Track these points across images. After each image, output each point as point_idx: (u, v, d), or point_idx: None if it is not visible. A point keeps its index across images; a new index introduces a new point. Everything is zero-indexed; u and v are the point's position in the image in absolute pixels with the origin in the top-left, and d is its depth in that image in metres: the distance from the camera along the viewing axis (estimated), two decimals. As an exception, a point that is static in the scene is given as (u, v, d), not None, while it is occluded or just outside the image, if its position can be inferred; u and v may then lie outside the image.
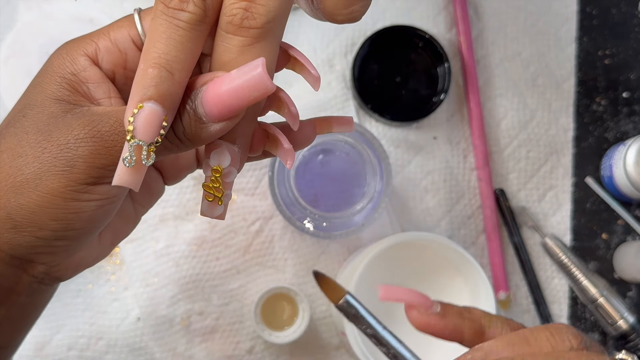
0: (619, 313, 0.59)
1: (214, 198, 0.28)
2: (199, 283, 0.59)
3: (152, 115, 0.26)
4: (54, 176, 0.28)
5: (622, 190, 0.62)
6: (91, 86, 0.30)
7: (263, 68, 0.25)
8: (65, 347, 0.58)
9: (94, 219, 0.29)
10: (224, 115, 0.26)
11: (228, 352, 0.59)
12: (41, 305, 0.34)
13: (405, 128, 0.63)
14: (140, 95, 0.26)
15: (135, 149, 0.26)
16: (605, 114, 0.66)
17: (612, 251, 0.64)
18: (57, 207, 0.28)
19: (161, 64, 0.26)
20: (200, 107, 0.27)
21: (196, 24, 0.26)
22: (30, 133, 0.28)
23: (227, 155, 0.28)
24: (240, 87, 0.26)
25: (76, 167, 0.28)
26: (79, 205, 0.28)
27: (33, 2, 0.62)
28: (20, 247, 0.29)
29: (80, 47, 0.30)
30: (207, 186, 0.28)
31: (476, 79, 0.64)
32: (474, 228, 0.63)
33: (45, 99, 0.29)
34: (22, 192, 0.28)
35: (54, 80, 0.29)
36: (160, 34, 0.26)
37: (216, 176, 0.28)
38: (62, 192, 0.28)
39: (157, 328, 0.59)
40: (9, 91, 0.59)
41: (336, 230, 0.54)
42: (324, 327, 0.60)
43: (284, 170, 0.54)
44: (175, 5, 0.26)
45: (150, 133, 0.26)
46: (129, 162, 0.26)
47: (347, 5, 0.27)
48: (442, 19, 0.65)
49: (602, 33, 0.66)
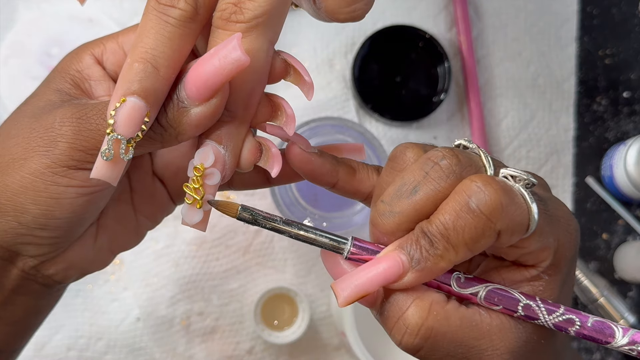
0: (619, 313, 0.59)
1: (193, 200, 0.28)
2: (199, 283, 0.59)
3: (134, 110, 0.26)
4: (37, 156, 0.28)
5: (622, 190, 0.62)
6: (93, 83, 0.30)
7: (238, 41, 0.25)
8: (65, 347, 0.58)
9: (75, 208, 0.29)
10: (203, 94, 0.26)
11: (228, 352, 0.59)
12: (42, 309, 0.34)
13: (405, 128, 0.63)
14: (124, 89, 0.26)
15: (114, 142, 0.26)
16: (605, 113, 0.65)
17: (612, 251, 0.64)
18: (38, 189, 0.28)
19: (147, 59, 0.26)
20: (182, 91, 0.27)
21: (186, 21, 0.26)
22: (26, 117, 0.29)
23: (210, 154, 0.28)
24: (216, 62, 0.26)
25: (58, 147, 0.28)
26: (58, 190, 0.28)
27: (33, 2, 0.62)
28: (5, 233, 0.29)
29: (89, 47, 0.31)
30: (187, 186, 0.28)
31: (476, 79, 0.64)
32: (474, 228, 0.63)
33: (46, 89, 0.30)
34: (8, 172, 0.28)
35: (59, 75, 0.31)
36: (149, 29, 0.26)
37: (197, 175, 0.27)
38: (43, 173, 0.28)
39: (157, 328, 0.59)
40: (9, 91, 0.59)
41: (336, 230, 0.54)
42: (324, 327, 0.60)
43: (283, 170, 0.54)
44: (167, 1, 0.26)
45: (131, 128, 0.26)
46: (107, 155, 0.26)
47: (349, 4, 0.27)
48: (442, 18, 0.65)
49: (603, 33, 0.66)
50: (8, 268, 0.31)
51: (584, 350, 0.62)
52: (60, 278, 0.32)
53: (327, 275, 0.61)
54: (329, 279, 0.61)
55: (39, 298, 0.33)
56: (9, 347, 0.34)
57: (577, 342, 0.62)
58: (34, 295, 0.32)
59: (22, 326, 0.34)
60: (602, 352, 0.62)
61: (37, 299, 0.33)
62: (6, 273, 0.31)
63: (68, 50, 0.52)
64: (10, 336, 0.33)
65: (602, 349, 0.62)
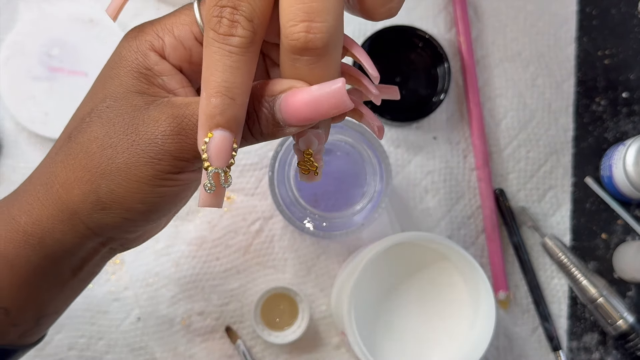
0: (618, 313, 0.59)
1: (309, 172, 0.31)
2: (199, 283, 0.59)
3: (223, 142, 0.27)
4: (142, 166, 0.30)
5: (621, 190, 0.62)
6: (165, 78, 0.31)
7: (343, 86, 0.27)
8: (66, 347, 0.58)
9: (176, 201, 0.32)
10: (301, 123, 0.29)
11: (228, 352, 0.59)
12: (99, 270, 0.37)
13: (405, 128, 0.63)
14: (209, 124, 0.27)
15: (214, 176, 0.28)
16: (604, 114, 0.66)
17: (611, 251, 0.64)
18: (145, 192, 0.30)
19: (222, 92, 0.27)
20: (278, 113, 0.28)
21: (248, 46, 0.27)
22: (117, 125, 0.30)
23: (313, 140, 0.30)
24: (320, 102, 0.28)
25: (163, 160, 0.30)
26: (164, 191, 0.31)
27: (33, 2, 0.62)
28: (107, 226, 0.32)
29: (147, 41, 0.31)
30: (301, 165, 0.31)
31: (476, 79, 0.64)
32: (474, 228, 0.63)
33: (127, 92, 0.31)
34: (113, 179, 0.30)
35: (131, 75, 0.31)
36: (215, 62, 0.27)
37: (307, 157, 0.31)
38: (150, 179, 0.30)
39: (158, 328, 0.59)
40: (9, 91, 0.59)
41: (336, 230, 0.54)
42: (324, 327, 0.60)
43: (284, 170, 0.54)
44: (225, 31, 0.27)
45: (223, 158, 0.28)
46: (210, 188, 0.28)
47: (385, 3, 0.28)
48: (442, 19, 0.65)
49: (602, 33, 0.67)
50: (98, 248, 0.34)
51: (583, 350, 0.62)
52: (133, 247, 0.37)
53: (327, 275, 0.61)
54: (329, 279, 0.61)
55: (107, 261, 0.37)
56: (63, 309, 0.38)
57: (576, 342, 0.62)
58: (106, 259, 0.36)
59: (83, 288, 0.37)
60: (602, 352, 0.62)
61: (105, 262, 0.37)
62: (95, 252, 0.34)
63: (68, 51, 0.52)
64: (71, 299, 0.37)
65: (601, 349, 0.62)
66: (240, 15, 0.27)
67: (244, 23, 0.27)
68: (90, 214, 0.31)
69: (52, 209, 0.32)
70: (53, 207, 0.32)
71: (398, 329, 0.57)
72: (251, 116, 0.29)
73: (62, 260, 0.33)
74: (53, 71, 0.59)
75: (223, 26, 0.27)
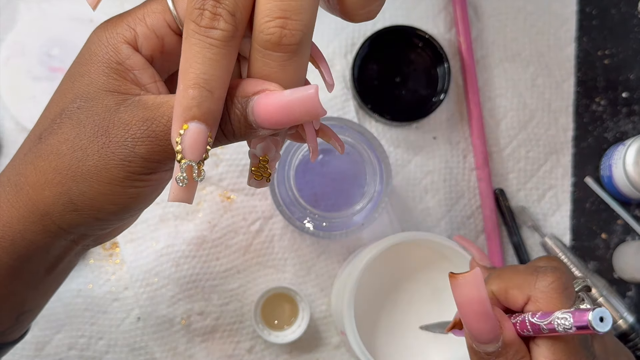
0: (618, 313, 0.59)
1: (262, 177, 0.31)
2: (199, 283, 0.59)
3: (198, 135, 0.27)
4: (113, 168, 0.30)
5: (621, 190, 0.62)
6: (137, 73, 0.31)
7: (316, 93, 0.27)
8: (66, 347, 0.58)
9: (147, 199, 0.32)
10: (273, 127, 0.28)
11: (228, 352, 0.59)
12: (74, 265, 0.37)
13: (405, 128, 0.63)
14: (184, 116, 0.27)
15: (187, 169, 0.27)
16: (604, 114, 0.66)
17: (611, 251, 0.64)
18: (116, 193, 0.30)
19: (200, 84, 0.27)
20: (251, 116, 0.28)
21: (229, 40, 0.27)
22: (88, 126, 0.30)
23: (272, 147, 0.30)
24: (293, 108, 0.27)
25: (134, 162, 0.29)
26: (135, 191, 0.31)
27: (33, 2, 0.62)
28: (80, 226, 0.32)
29: (119, 33, 0.31)
30: (255, 171, 0.31)
31: (476, 79, 0.64)
32: (474, 228, 0.63)
33: (97, 91, 0.30)
34: (84, 181, 0.30)
35: (102, 71, 0.30)
36: (195, 53, 0.27)
37: (263, 163, 0.31)
38: (121, 181, 0.30)
39: (157, 328, 0.59)
40: (9, 91, 0.59)
41: (336, 230, 0.54)
42: (324, 327, 0.60)
43: (284, 170, 0.54)
44: (207, 24, 0.27)
45: (198, 152, 0.27)
46: (182, 181, 0.28)
47: (365, 5, 0.28)
48: (442, 19, 0.65)
49: (602, 33, 0.67)
50: (72, 246, 0.34)
51: (583, 350, 0.62)
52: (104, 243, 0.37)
53: (327, 275, 0.61)
54: (329, 279, 0.61)
55: (80, 257, 0.37)
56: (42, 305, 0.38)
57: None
58: (76, 258, 0.36)
59: (59, 284, 0.37)
60: (601, 352, 0.62)
61: (79, 257, 0.37)
62: (69, 250, 0.34)
63: (69, 51, 0.52)
64: (49, 294, 0.37)
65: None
66: (223, 9, 0.26)
67: (226, 17, 0.27)
68: (62, 215, 0.31)
69: (23, 210, 0.31)
70: (24, 209, 0.31)
71: (398, 329, 0.57)
72: (223, 116, 0.29)
73: (35, 260, 0.33)
74: (53, 71, 0.59)
75: (205, 19, 0.26)
